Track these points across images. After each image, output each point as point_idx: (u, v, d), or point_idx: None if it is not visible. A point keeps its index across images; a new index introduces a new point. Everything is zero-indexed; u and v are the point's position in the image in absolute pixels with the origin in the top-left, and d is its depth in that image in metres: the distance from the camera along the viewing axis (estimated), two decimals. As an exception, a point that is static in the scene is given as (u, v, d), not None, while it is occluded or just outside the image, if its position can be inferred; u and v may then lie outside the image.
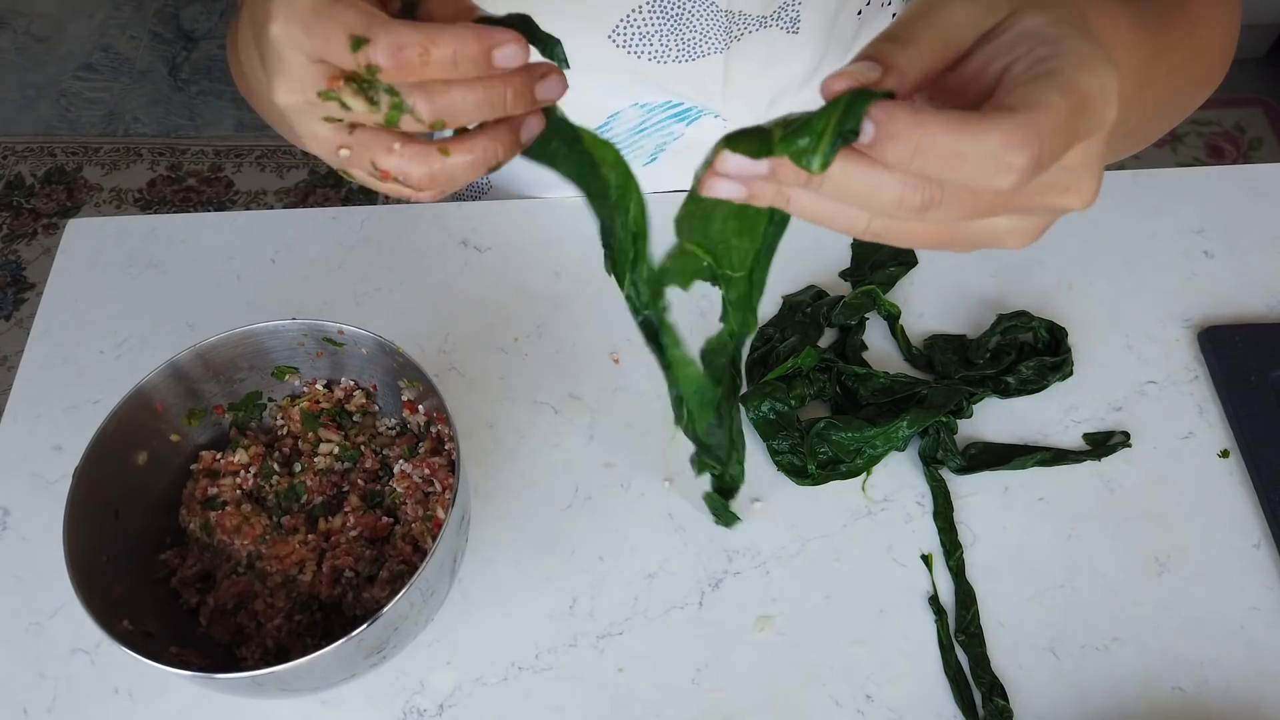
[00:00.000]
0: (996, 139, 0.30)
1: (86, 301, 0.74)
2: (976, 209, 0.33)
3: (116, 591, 0.53)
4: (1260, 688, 0.57)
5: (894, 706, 0.57)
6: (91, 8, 2.32)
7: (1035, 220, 0.35)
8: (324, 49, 0.36)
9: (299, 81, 0.38)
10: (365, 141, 0.39)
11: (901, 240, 0.35)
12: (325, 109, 0.38)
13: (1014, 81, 0.33)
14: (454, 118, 0.37)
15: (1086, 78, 0.32)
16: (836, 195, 0.33)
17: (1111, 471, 0.65)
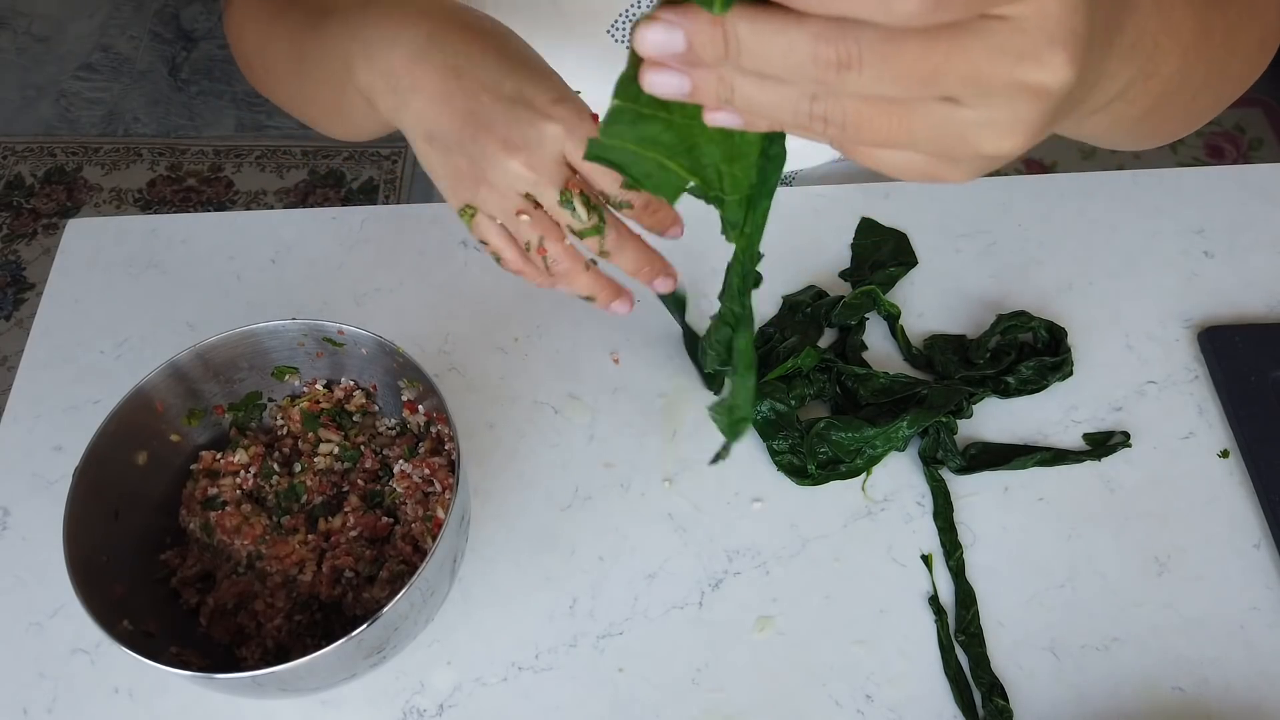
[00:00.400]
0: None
1: (86, 301, 0.74)
2: (907, 71, 0.27)
3: (116, 591, 0.53)
4: (1260, 688, 0.57)
5: (894, 706, 0.57)
6: (91, 8, 2.32)
7: (1005, 107, 0.29)
8: (596, 170, 0.48)
9: (543, 167, 0.49)
10: (546, 223, 0.51)
11: (874, 144, 0.30)
12: (538, 191, 0.49)
13: None
14: (617, 256, 0.53)
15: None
16: (758, 65, 0.29)
17: (1111, 471, 0.65)
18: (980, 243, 0.76)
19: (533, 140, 0.48)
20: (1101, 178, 0.79)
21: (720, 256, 0.75)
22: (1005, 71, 0.28)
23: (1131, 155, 2.04)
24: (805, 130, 0.31)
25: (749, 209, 0.42)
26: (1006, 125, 0.30)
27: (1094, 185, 0.79)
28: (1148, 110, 0.45)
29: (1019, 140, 0.30)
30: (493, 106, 0.48)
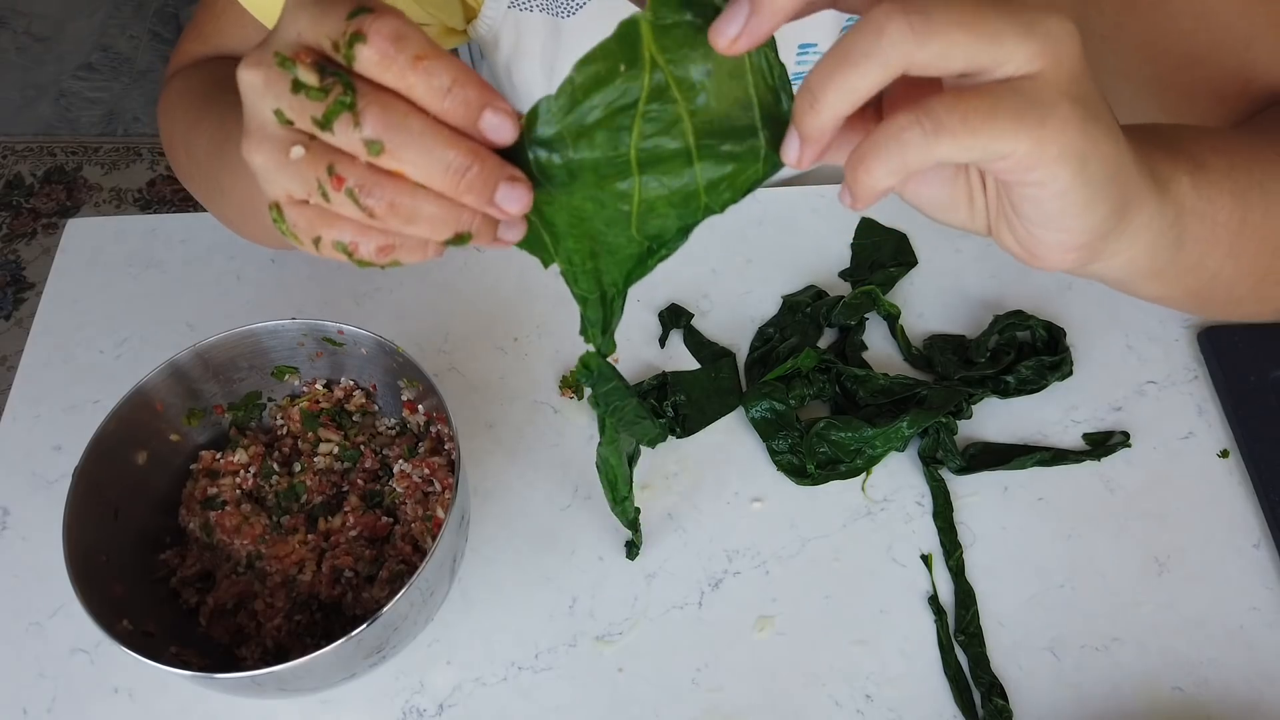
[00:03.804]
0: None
1: (86, 301, 0.74)
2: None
3: (116, 591, 0.53)
4: (1260, 688, 0.57)
5: (894, 706, 0.57)
6: (91, 8, 2.32)
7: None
8: (318, 16, 0.32)
9: (272, 57, 0.33)
10: (321, 148, 0.34)
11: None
12: (276, 95, 0.33)
13: None
14: (395, 150, 0.32)
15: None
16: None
17: (1111, 471, 0.65)
18: (980, 243, 0.76)
19: (267, 38, 0.34)
20: (1101, 178, 0.79)
21: (720, 256, 0.75)
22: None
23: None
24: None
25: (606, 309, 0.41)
26: (1058, 131, 0.32)
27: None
28: (1239, 226, 0.45)
29: (1077, 160, 0.33)
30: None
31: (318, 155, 0.33)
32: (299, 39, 0.33)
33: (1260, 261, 0.47)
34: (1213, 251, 0.44)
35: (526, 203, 0.35)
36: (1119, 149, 0.35)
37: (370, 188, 0.33)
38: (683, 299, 0.73)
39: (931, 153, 0.32)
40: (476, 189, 0.34)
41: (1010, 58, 0.31)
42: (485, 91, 0.32)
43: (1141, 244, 0.40)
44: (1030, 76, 0.32)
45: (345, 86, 0.32)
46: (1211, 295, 0.48)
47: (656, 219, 0.37)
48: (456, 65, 0.32)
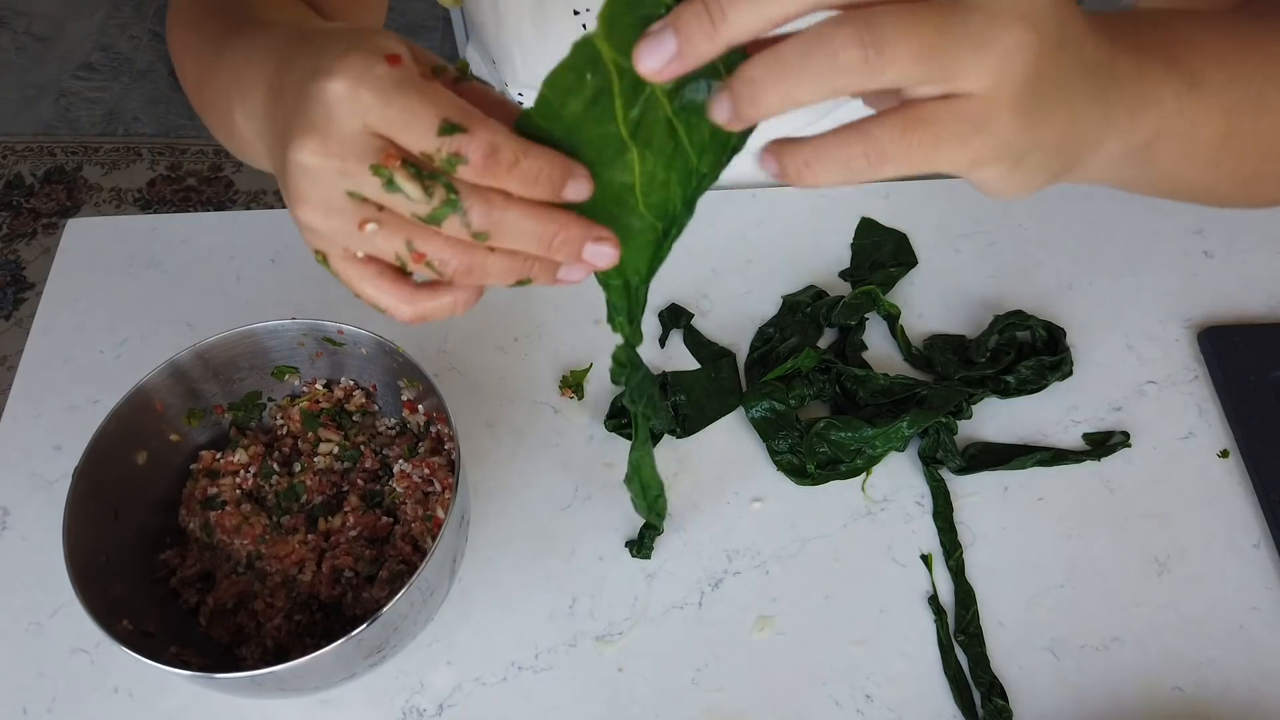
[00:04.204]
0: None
1: (86, 301, 0.74)
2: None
3: (116, 591, 0.53)
4: (1260, 688, 0.57)
5: (893, 706, 0.57)
6: (91, 8, 2.32)
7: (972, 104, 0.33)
8: (399, 124, 0.35)
9: (342, 147, 0.35)
10: (399, 223, 0.37)
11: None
12: (356, 182, 0.36)
13: None
14: (500, 234, 0.36)
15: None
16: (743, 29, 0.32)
17: (1111, 471, 0.65)
18: (980, 243, 0.76)
19: (319, 116, 0.35)
20: (1101, 178, 0.79)
21: (720, 256, 0.75)
22: (968, 41, 0.31)
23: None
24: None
25: (630, 296, 0.42)
26: (1009, 99, 0.33)
27: (1094, 186, 0.78)
28: (1223, 140, 0.44)
29: (1024, 116, 0.33)
30: (291, 98, 0.37)
31: (395, 230, 0.37)
32: (380, 142, 0.35)
33: (1246, 167, 0.46)
34: (1190, 164, 0.44)
35: (614, 257, 0.39)
36: (1073, 122, 0.35)
37: (449, 260, 0.37)
38: (683, 299, 0.73)
39: (876, 175, 0.33)
40: (565, 249, 0.38)
41: (960, 79, 0.32)
42: (563, 166, 0.36)
43: (1099, 172, 0.40)
44: (977, 96, 0.32)
45: (447, 189, 0.35)
46: (1191, 196, 0.48)
47: (659, 190, 0.38)
48: (538, 154, 0.36)
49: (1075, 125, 0.36)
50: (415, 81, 0.35)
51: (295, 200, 0.37)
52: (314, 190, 0.37)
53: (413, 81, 0.35)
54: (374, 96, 0.34)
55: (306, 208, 0.37)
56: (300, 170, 0.36)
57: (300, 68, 0.37)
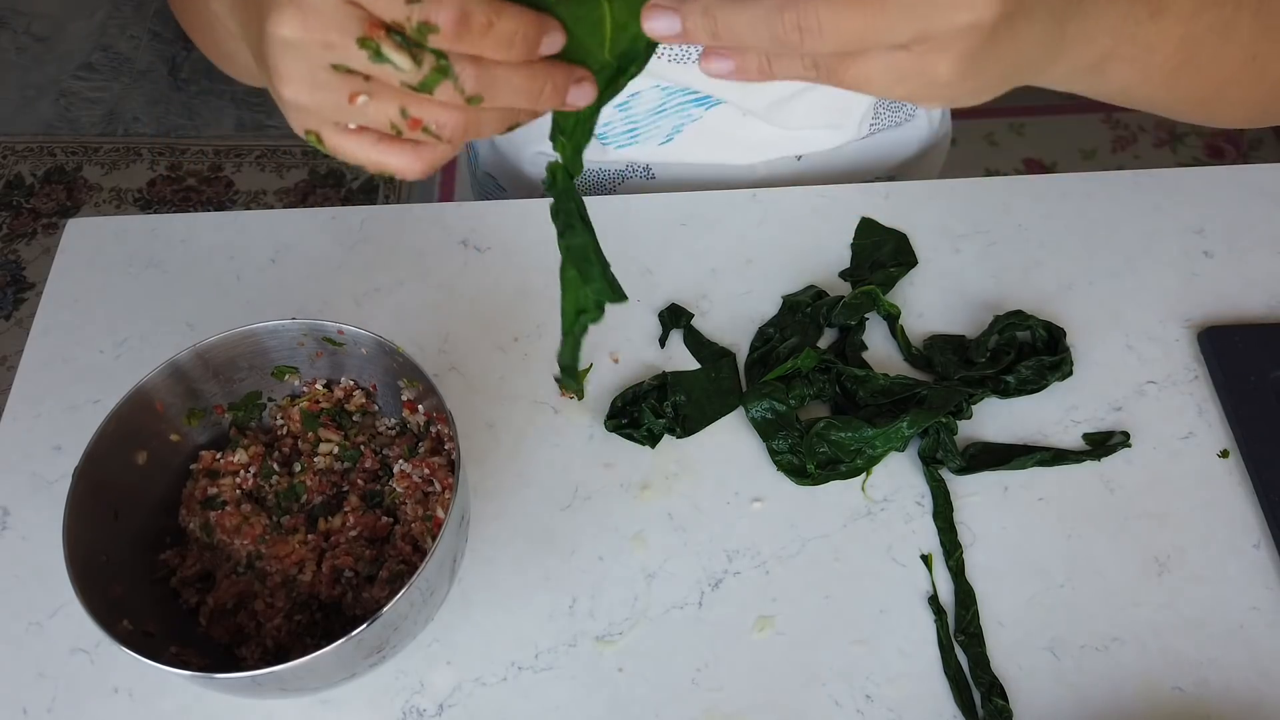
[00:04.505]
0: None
1: (86, 301, 0.74)
2: (855, 32, 0.33)
3: (116, 591, 0.53)
4: (1260, 688, 0.57)
5: (894, 706, 0.57)
6: (91, 8, 2.32)
7: (948, 45, 0.34)
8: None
9: (321, 20, 0.35)
10: (391, 92, 0.36)
11: (842, 82, 0.36)
12: (342, 55, 0.35)
13: None
14: (493, 96, 0.37)
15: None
16: (733, 39, 0.36)
17: (1111, 471, 0.65)
18: (980, 243, 0.76)
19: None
20: (1102, 178, 0.79)
21: (720, 256, 0.75)
22: (940, 18, 0.33)
23: (1132, 155, 2.03)
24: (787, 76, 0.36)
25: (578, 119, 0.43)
26: (953, 59, 0.34)
27: (1094, 185, 0.79)
28: (1180, 65, 0.44)
29: (966, 68, 0.35)
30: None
31: (387, 99, 0.37)
32: (360, 12, 0.35)
33: (1203, 90, 0.46)
34: (1144, 84, 0.44)
35: (593, 94, 0.40)
36: (1022, 55, 0.36)
37: (446, 123, 0.37)
38: (683, 299, 0.73)
39: (802, 48, 0.34)
40: (553, 98, 0.39)
41: (899, 37, 0.34)
42: (536, 23, 0.36)
43: (1048, 83, 0.41)
44: (919, 43, 0.34)
45: (437, 55, 0.35)
46: (1149, 110, 0.48)
47: (627, 37, 0.39)
48: (512, 13, 0.35)
49: (1024, 56, 0.37)
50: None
51: (279, 79, 0.37)
52: (297, 66, 0.36)
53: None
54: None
55: (292, 85, 0.37)
56: (281, 46, 0.36)
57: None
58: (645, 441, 0.66)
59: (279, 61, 0.36)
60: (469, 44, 0.35)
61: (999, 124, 2.05)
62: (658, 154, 0.84)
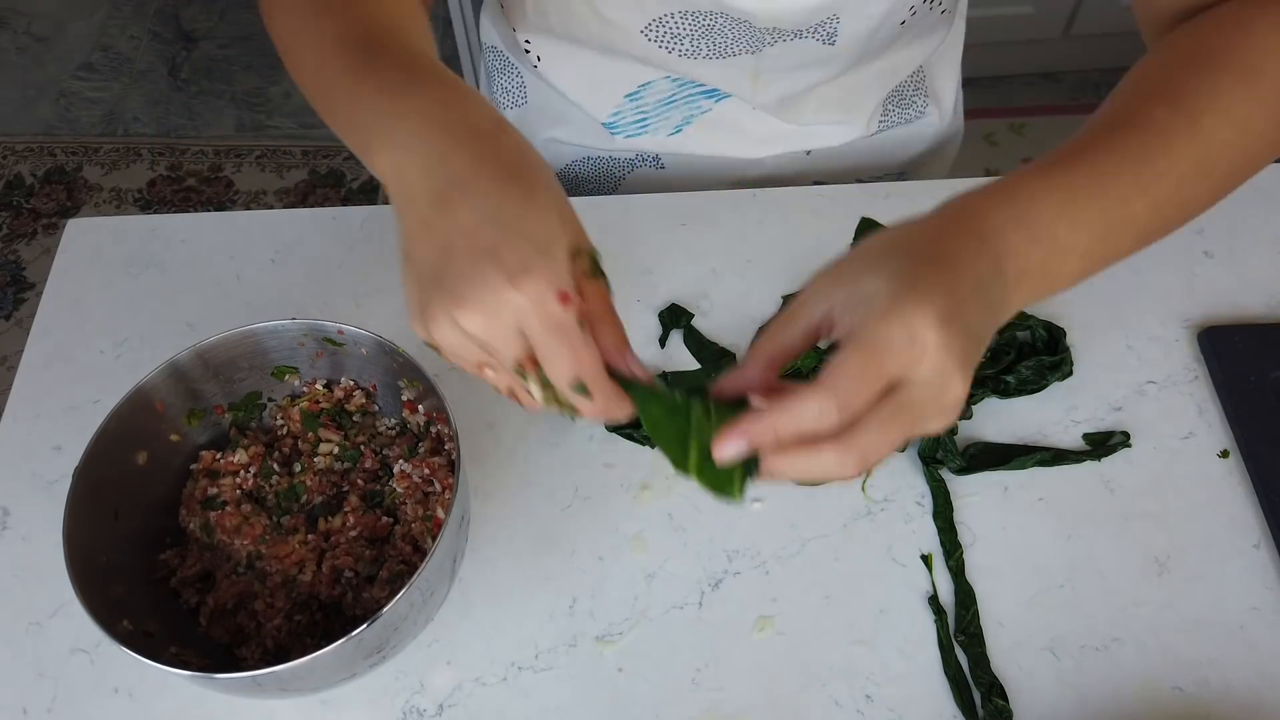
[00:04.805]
0: (814, 405, 0.40)
1: (86, 301, 0.74)
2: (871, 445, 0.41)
3: (116, 591, 0.53)
4: (1260, 688, 0.57)
5: (894, 706, 0.57)
6: (91, 8, 2.32)
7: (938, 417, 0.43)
8: (547, 356, 0.43)
9: (496, 338, 0.42)
10: (509, 377, 0.45)
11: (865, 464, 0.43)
12: (496, 359, 0.44)
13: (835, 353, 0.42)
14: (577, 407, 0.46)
15: (885, 329, 0.40)
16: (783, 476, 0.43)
17: (1111, 471, 0.65)
18: (980, 243, 0.75)
19: (489, 305, 0.42)
20: (1101, 178, 0.79)
21: (720, 256, 0.75)
22: (930, 408, 0.41)
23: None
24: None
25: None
26: (943, 419, 0.43)
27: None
28: (1127, 246, 0.50)
29: (956, 415, 0.43)
30: (463, 255, 0.42)
31: (506, 380, 0.46)
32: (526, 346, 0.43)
33: (1124, 254, 0.50)
34: (1065, 285, 0.49)
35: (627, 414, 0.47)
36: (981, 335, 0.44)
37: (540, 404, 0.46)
38: (683, 299, 0.73)
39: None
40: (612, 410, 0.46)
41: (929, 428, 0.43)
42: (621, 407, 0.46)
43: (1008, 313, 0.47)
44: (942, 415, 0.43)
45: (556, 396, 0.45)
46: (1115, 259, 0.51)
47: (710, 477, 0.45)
48: (620, 409, 0.45)
49: (984, 331, 0.44)
50: (571, 330, 0.42)
51: (429, 327, 0.44)
52: (453, 340, 0.43)
53: (570, 330, 0.42)
54: (540, 327, 0.42)
55: (440, 340, 0.44)
56: (450, 325, 0.43)
57: (477, 217, 0.43)
58: (645, 442, 0.66)
59: (440, 328, 0.43)
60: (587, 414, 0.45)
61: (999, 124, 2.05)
62: (667, 144, 0.84)
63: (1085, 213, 0.47)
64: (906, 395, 0.41)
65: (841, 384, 0.41)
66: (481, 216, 0.43)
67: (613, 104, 0.81)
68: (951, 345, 0.41)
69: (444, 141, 0.45)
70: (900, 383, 0.41)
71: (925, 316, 0.40)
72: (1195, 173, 0.49)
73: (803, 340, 0.44)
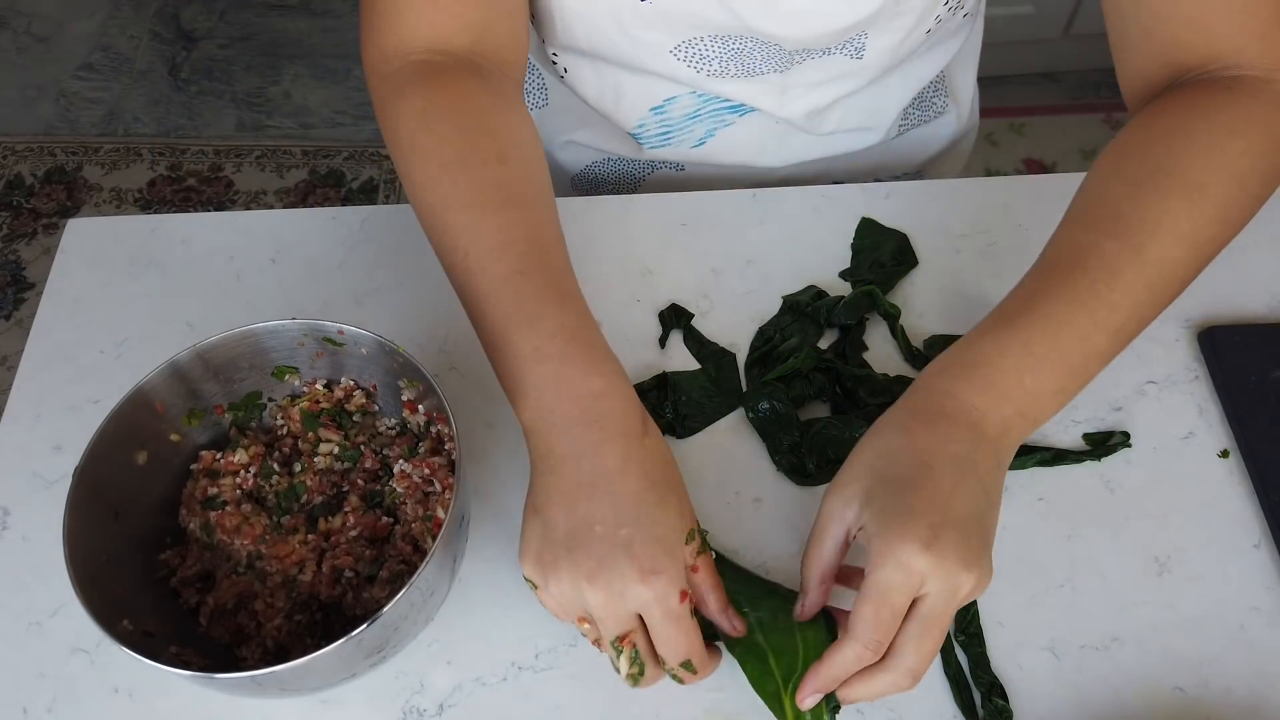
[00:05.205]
0: (850, 654, 0.49)
1: (86, 301, 0.74)
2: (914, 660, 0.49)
3: (116, 591, 0.53)
4: (1260, 688, 0.57)
5: (894, 706, 0.57)
6: (91, 8, 2.32)
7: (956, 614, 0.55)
8: (660, 639, 0.51)
9: (610, 615, 0.50)
10: (600, 640, 0.52)
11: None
12: (598, 628, 0.51)
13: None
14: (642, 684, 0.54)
15: (881, 575, 0.47)
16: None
17: (1111, 471, 0.65)
18: (980, 243, 0.76)
19: (616, 589, 0.49)
20: (1101, 178, 0.79)
21: (720, 256, 0.75)
22: (949, 607, 0.48)
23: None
24: None
25: None
26: (968, 600, 0.50)
27: (1094, 185, 0.78)
28: (1097, 368, 0.54)
29: (980, 592, 0.50)
30: (601, 541, 0.49)
31: (596, 639, 0.53)
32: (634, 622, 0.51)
33: (1115, 352, 0.54)
34: (1058, 403, 0.53)
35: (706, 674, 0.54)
36: (985, 526, 0.51)
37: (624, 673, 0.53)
38: (683, 299, 0.73)
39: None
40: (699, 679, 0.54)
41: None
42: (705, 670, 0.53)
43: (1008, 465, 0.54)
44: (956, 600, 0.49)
45: (640, 671, 0.52)
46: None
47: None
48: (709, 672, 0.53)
49: (990, 514, 0.52)
50: (686, 621, 0.50)
51: (547, 578, 0.51)
52: (567, 600, 0.51)
53: (685, 621, 0.50)
54: (660, 617, 0.49)
55: (553, 592, 0.51)
56: (571, 588, 0.50)
57: (618, 514, 0.50)
58: None
59: (560, 590, 0.51)
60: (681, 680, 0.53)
61: (999, 124, 2.05)
62: (690, 155, 0.84)
63: (1047, 361, 0.51)
64: (926, 609, 0.48)
65: (864, 632, 0.48)
66: (623, 513, 0.50)
67: (637, 117, 0.81)
68: (944, 556, 0.47)
69: (597, 439, 0.51)
70: (917, 601, 0.48)
71: (910, 548, 0.47)
72: (1149, 295, 0.53)
73: (839, 556, 0.52)
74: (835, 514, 0.51)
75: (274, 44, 2.25)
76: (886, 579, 0.47)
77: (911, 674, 0.49)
